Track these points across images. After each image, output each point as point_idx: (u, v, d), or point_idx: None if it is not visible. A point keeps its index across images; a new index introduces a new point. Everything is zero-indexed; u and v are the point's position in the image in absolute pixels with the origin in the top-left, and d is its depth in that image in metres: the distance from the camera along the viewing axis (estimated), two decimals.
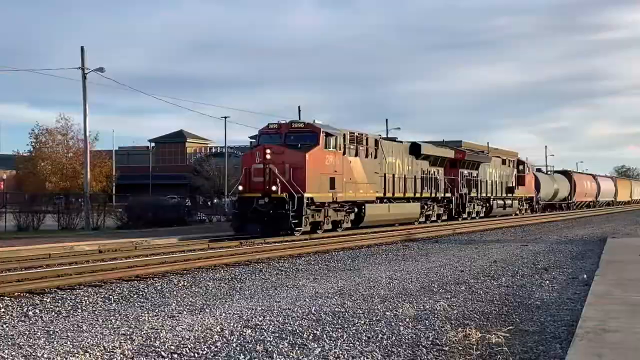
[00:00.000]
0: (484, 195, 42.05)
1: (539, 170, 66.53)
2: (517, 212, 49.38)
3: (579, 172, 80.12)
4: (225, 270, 14.82)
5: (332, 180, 24.99)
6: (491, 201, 43.32)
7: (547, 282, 12.94)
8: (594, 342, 6.79)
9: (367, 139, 28.22)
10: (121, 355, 6.93)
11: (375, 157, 28.76)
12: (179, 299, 10.83)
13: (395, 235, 25.89)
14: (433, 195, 34.92)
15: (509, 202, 46.73)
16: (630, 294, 10.12)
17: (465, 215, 39.07)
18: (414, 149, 33.43)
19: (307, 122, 25.22)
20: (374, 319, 8.95)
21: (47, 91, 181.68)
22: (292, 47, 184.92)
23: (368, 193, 27.84)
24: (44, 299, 10.84)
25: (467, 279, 13.32)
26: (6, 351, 7.14)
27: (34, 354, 7.03)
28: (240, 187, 24.18)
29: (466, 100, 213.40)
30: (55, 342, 7.59)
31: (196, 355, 6.97)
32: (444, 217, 36.88)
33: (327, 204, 24.94)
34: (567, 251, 20.02)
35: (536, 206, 55.31)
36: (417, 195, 33.07)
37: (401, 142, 33.30)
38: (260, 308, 9.82)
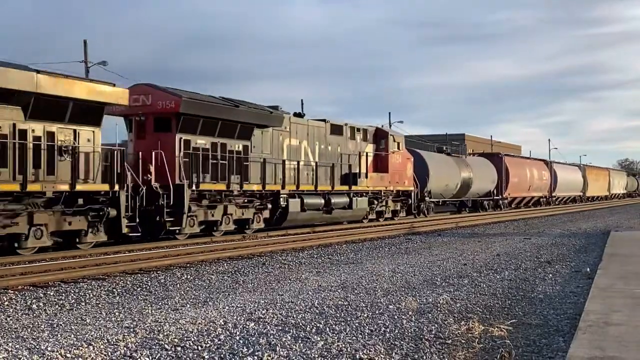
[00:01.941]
0: (256, 187, 21.74)
1: (441, 150, 43.29)
2: (374, 216, 29.28)
3: (517, 156, 57.94)
4: (228, 264, 14.84)
5: None
6: (283, 199, 22.96)
7: (550, 275, 12.94)
8: (596, 335, 6.80)
9: None
10: (125, 348, 6.95)
11: None
12: (183, 293, 10.86)
13: (398, 228, 25.89)
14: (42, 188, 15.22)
15: (342, 199, 26.14)
16: (633, 288, 10.12)
17: (184, 226, 19.03)
18: None
19: None
20: (376, 312, 8.95)
21: None
22: (294, 40, 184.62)
23: None
24: (48, 292, 10.87)
25: (470, 272, 13.32)
26: (10, 344, 7.16)
27: (37, 347, 7.05)
28: None
29: (469, 94, 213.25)
30: (59, 335, 7.61)
31: (199, 348, 6.99)
32: (90, 239, 16.41)
33: None
34: (570, 244, 20.00)
35: (422, 205, 34.48)
36: None
37: None
38: (263, 301, 9.83)
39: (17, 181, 14.81)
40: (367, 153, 28.66)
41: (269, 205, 22.76)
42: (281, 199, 22.99)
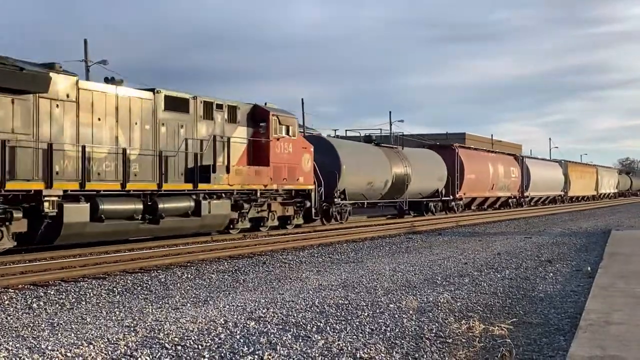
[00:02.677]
0: None
1: (369, 140, 33.22)
2: (247, 224, 21.36)
3: (477, 149, 46.96)
4: (228, 263, 14.84)
5: None
6: (50, 205, 14.75)
7: (551, 274, 12.93)
8: (597, 334, 6.79)
9: None
10: (125, 347, 6.94)
11: None
12: (183, 291, 10.85)
13: (398, 227, 25.88)
14: None
15: (181, 203, 18.24)
16: (634, 287, 10.11)
17: None
18: None
19: None
20: (377, 311, 8.95)
21: None
22: (294, 40, 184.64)
23: None
24: (48, 291, 10.87)
25: (470, 271, 13.32)
26: (11, 343, 7.16)
27: (38, 345, 7.05)
28: None
29: (470, 94, 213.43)
30: (59, 334, 7.61)
31: (200, 347, 6.98)
32: None
33: None
34: (571, 243, 20.00)
35: (332, 209, 26.68)
36: None
37: None
38: (263, 300, 9.83)
39: None
40: (231, 139, 20.32)
41: (18, 214, 14.25)
42: (45, 204, 14.85)
